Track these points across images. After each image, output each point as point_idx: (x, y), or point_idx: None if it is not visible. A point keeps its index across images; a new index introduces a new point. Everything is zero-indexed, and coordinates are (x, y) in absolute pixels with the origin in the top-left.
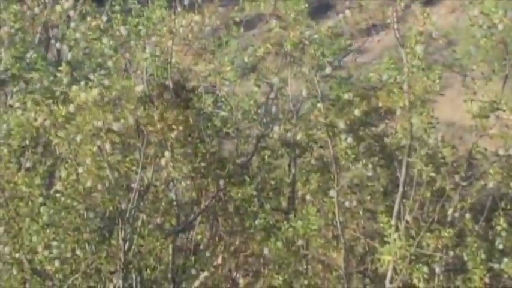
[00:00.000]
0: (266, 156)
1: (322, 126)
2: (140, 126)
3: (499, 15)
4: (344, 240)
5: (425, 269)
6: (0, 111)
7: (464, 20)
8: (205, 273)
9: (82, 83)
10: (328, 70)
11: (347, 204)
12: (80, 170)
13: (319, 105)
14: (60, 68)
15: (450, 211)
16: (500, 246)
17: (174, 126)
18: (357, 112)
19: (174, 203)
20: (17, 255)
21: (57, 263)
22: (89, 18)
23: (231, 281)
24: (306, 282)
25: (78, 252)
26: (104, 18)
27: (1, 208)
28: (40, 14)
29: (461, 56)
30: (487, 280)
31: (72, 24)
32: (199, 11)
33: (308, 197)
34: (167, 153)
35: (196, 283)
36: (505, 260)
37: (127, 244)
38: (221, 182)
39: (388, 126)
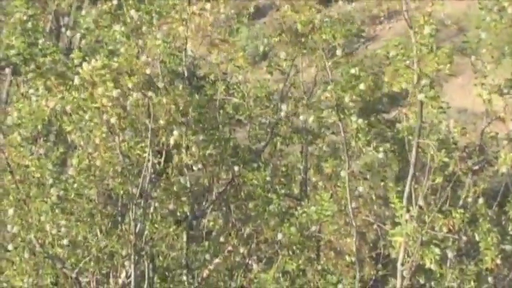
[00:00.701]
0: (278, 143)
1: (333, 108)
2: (150, 107)
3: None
4: (356, 226)
5: (437, 250)
6: (13, 99)
7: (475, 6)
8: (218, 260)
9: (93, 60)
10: (339, 52)
11: (360, 189)
12: (92, 151)
13: (330, 87)
14: (71, 55)
15: (462, 196)
16: None
17: (185, 111)
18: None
19: (187, 190)
20: (27, 237)
21: (65, 241)
22: (99, 5)
23: (244, 267)
24: (319, 267)
25: (89, 236)
26: (115, 1)
27: (12, 191)
28: (50, 1)
29: (470, 39)
30: (498, 261)
31: (83, 12)
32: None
33: (320, 183)
34: (176, 132)
35: (207, 271)
36: None
37: (138, 227)
38: (235, 169)
39: (400, 112)
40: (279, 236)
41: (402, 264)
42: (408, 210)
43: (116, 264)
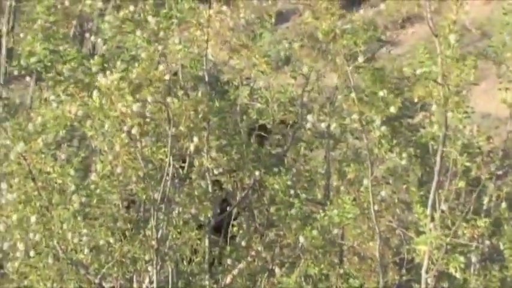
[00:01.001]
0: (302, 148)
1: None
2: (169, 113)
3: None
4: (379, 231)
5: (462, 258)
6: (35, 105)
7: (499, 11)
8: (241, 265)
9: (108, 72)
10: (360, 59)
11: (383, 193)
12: (112, 158)
13: (352, 95)
14: (91, 61)
15: (486, 200)
16: None
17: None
18: (392, 109)
19: (209, 194)
20: (50, 244)
21: (86, 250)
22: (121, 13)
23: (267, 272)
24: (341, 271)
25: (111, 240)
26: (132, 8)
27: (34, 198)
28: (73, 7)
29: (495, 44)
30: None
31: (106, 18)
32: (233, 4)
33: (343, 188)
34: (195, 139)
35: (229, 277)
36: None
37: (160, 232)
38: (256, 173)
39: (424, 117)
40: (301, 240)
41: (426, 272)
42: (432, 219)
43: (139, 269)
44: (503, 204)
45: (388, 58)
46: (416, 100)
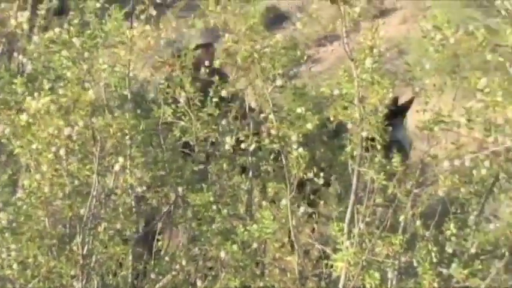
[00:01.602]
0: (224, 164)
1: (275, 138)
2: (95, 133)
3: (451, 31)
4: (298, 245)
5: (377, 274)
6: None
7: (416, 30)
8: (165, 279)
9: (36, 94)
10: (278, 82)
11: (302, 210)
12: (39, 178)
13: (271, 116)
14: (15, 80)
15: (402, 218)
16: (450, 250)
17: (131, 134)
18: (309, 126)
19: (133, 210)
20: None
21: (15, 266)
22: (46, 34)
23: (190, 285)
24: (261, 284)
25: (39, 257)
26: (57, 29)
27: None
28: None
29: (412, 69)
30: (435, 285)
31: (35, 38)
32: (154, 24)
33: (264, 203)
34: (121, 159)
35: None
36: (453, 265)
37: (85, 248)
38: (179, 189)
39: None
40: (222, 255)
41: (344, 287)
42: (349, 236)
43: (66, 284)
44: (418, 222)
45: (309, 75)
46: (332, 119)
